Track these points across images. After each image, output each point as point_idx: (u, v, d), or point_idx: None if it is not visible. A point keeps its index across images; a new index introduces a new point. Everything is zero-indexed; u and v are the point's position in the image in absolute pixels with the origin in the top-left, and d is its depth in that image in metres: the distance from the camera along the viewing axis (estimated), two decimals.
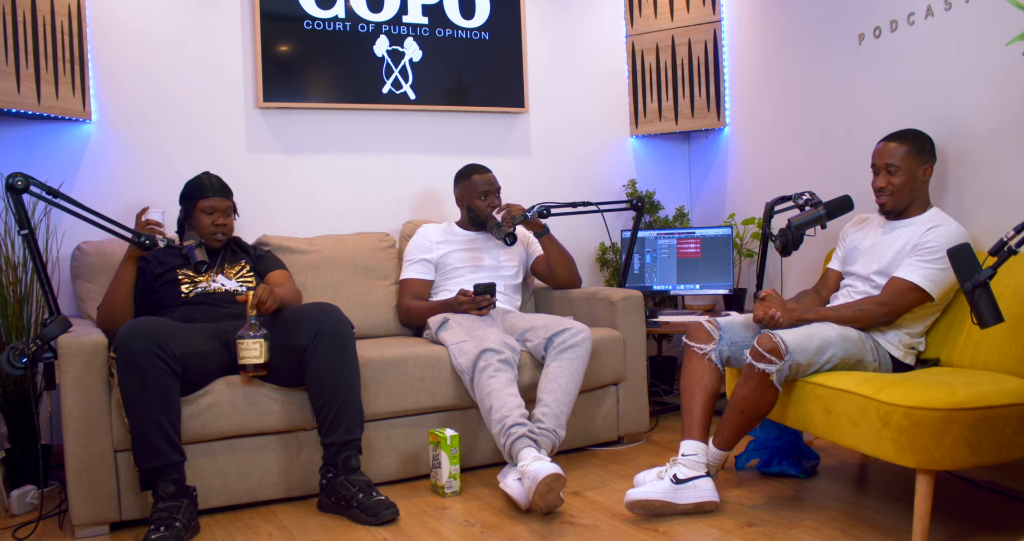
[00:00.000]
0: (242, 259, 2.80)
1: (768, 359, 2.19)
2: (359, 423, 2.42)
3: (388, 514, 2.29)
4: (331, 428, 2.37)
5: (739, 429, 2.30)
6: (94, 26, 3.06)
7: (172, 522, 2.14)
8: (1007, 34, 2.42)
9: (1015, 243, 1.79)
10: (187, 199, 2.73)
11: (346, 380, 2.41)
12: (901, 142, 2.45)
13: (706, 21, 3.79)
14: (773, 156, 3.57)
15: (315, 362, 2.38)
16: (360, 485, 2.34)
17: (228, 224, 2.75)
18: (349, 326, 2.48)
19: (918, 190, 2.45)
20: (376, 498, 2.31)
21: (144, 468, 2.19)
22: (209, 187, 2.71)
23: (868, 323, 2.37)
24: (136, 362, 2.18)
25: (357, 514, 2.30)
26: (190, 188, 2.73)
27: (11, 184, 2.20)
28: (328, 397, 2.38)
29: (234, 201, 2.80)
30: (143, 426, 2.17)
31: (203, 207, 2.69)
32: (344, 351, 2.42)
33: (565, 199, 3.60)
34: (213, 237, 2.71)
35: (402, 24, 3.50)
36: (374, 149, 3.53)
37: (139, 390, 2.18)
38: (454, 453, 2.50)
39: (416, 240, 3.20)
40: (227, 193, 2.76)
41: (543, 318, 2.86)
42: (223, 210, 2.72)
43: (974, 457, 1.94)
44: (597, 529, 2.21)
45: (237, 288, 2.68)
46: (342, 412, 2.37)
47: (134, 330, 2.22)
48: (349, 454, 2.37)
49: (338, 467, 2.37)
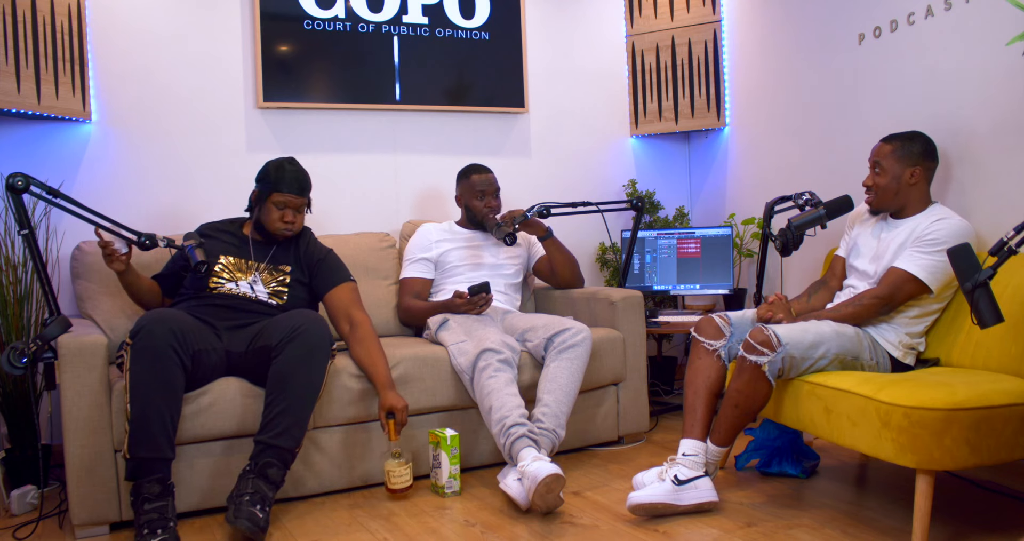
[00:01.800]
0: (288, 265, 2.68)
1: (760, 351, 2.19)
2: (296, 435, 2.27)
3: (244, 524, 2.09)
4: (266, 427, 2.26)
5: (735, 424, 2.30)
6: (94, 26, 3.06)
7: (167, 523, 2.12)
8: (1007, 34, 2.42)
9: (1015, 243, 1.79)
10: (263, 183, 2.63)
11: (300, 388, 2.30)
12: (890, 142, 2.45)
13: (706, 21, 3.79)
14: (773, 156, 3.57)
15: (278, 360, 2.31)
16: (256, 490, 2.17)
17: (298, 221, 2.66)
18: (328, 339, 2.38)
19: (904, 192, 2.43)
20: (251, 508, 2.13)
21: (137, 456, 2.14)
22: (289, 182, 2.60)
23: (868, 316, 2.37)
24: (153, 349, 2.17)
25: (228, 507, 2.16)
26: (269, 175, 2.63)
27: (11, 184, 2.19)
28: (277, 396, 2.28)
29: (310, 197, 2.71)
30: (145, 414, 2.15)
31: (276, 201, 2.61)
32: (311, 358, 2.33)
33: (565, 199, 3.60)
34: (280, 232, 2.64)
35: (402, 24, 3.50)
36: (374, 149, 3.53)
37: (149, 377, 2.17)
38: (454, 453, 2.49)
39: (416, 239, 3.20)
40: (304, 190, 2.65)
41: (543, 318, 2.86)
42: (296, 207, 2.64)
43: (974, 457, 1.94)
44: (597, 529, 2.21)
45: (266, 300, 2.60)
46: (282, 416, 2.26)
47: (157, 318, 2.22)
48: (269, 460, 2.23)
49: (255, 469, 2.23)
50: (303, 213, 2.69)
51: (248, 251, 2.67)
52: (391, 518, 2.35)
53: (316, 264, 2.71)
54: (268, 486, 2.22)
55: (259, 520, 2.14)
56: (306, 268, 2.72)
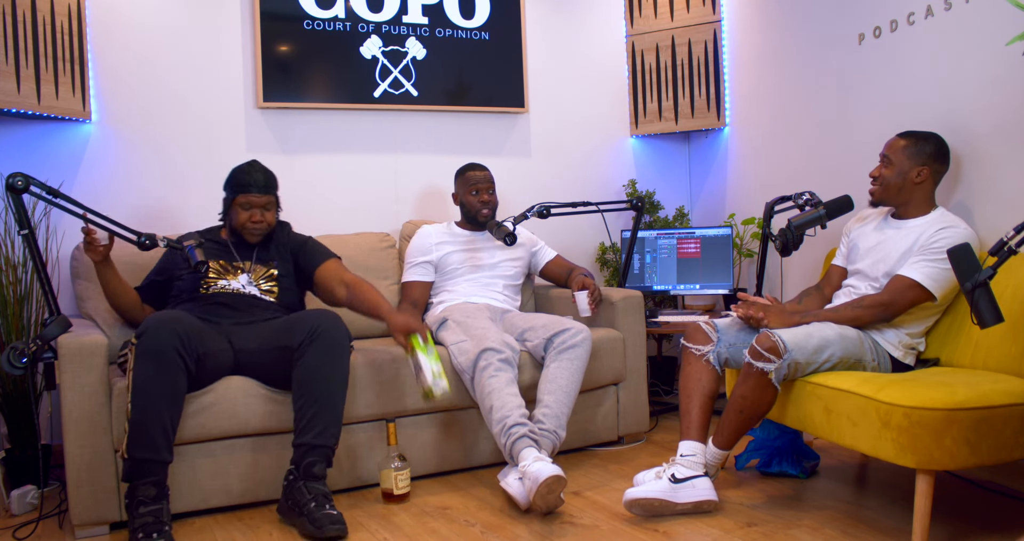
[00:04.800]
0: (273, 260, 2.72)
1: (767, 358, 2.19)
2: (334, 432, 2.33)
3: (333, 529, 2.17)
4: (304, 429, 2.30)
5: (738, 428, 2.30)
6: (94, 26, 3.06)
7: (161, 527, 2.11)
8: (1007, 34, 2.42)
9: (1015, 243, 1.79)
10: (230, 189, 2.67)
11: (330, 386, 2.34)
12: (904, 138, 2.46)
13: (706, 21, 3.79)
14: (773, 156, 3.57)
15: (303, 362, 2.34)
16: (316, 494, 2.24)
17: (267, 219, 2.68)
18: (346, 335, 2.42)
19: (909, 190, 2.43)
20: (326, 511, 2.20)
21: (135, 457, 2.15)
22: (251, 182, 2.63)
23: (869, 321, 2.36)
24: (157, 351, 2.17)
25: (304, 524, 2.21)
26: (233, 179, 2.66)
27: (11, 184, 2.20)
28: (308, 399, 2.31)
29: (278, 194, 2.72)
30: (146, 415, 2.15)
31: (241, 202, 2.64)
32: (334, 357, 2.37)
33: (565, 199, 3.60)
34: (249, 233, 2.67)
35: (402, 24, 3.50)
36: (374, 149, 3.53)
37: (152, 379, 2.16)
38: (431, 352, 2.44)
39: (416, 242, 3.20)
40: (270, 188, 2.67)
41: (543, 318, 2.86)
42: (262, 205, 2.66)
43: (974, 457, 1.94)
44: (597, 529, 2.21)
45: (257, 294, 2.63)
46: (319, 416, 2.30)
47: (162, 320, 2.22)
48: (314, 460, 2.29)
49: (300, 471, 2.29)
50: (272, 211, 2.71)
51: (232, 253, 2.69)
52: (391, 518, 2.35)
53: (299, 248, 2.78)
54: (320, 483, 2.28)
55: (337, 517, 2.21)
56: (290, 256, 2.75)
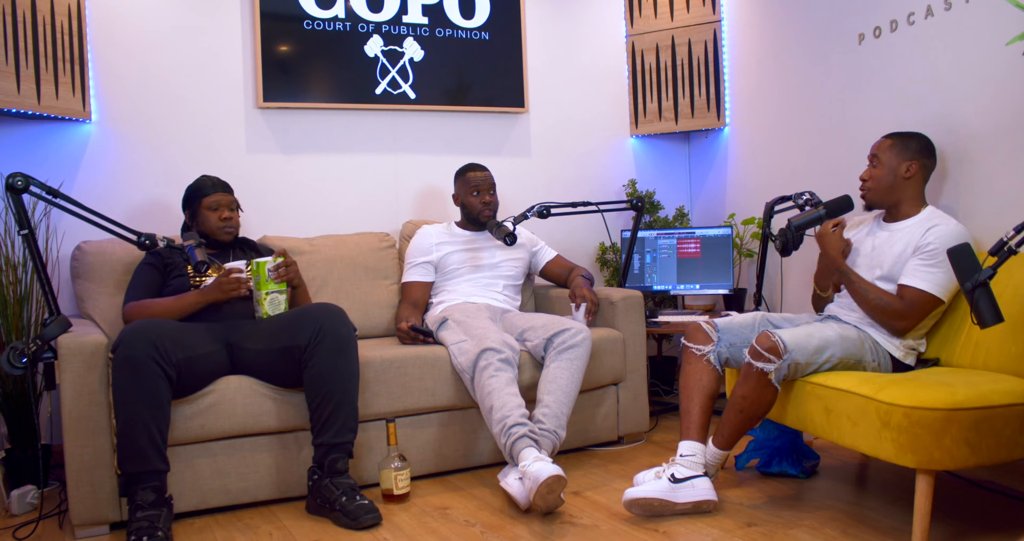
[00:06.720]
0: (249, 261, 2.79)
1: (767, 358, 2.19)
2: (352, 427, 2.39)
3: (369, 518, 2.26)
4: (323, 429, 2.35)
5: (738, 428, 2.30)
6: (94, 26, 3.06)
7: (155, 532, 2.11)
8: (1007, 34, 2.42)
9: (1015, 243, 1.79)
10: (191, 201, 2.74)
11: (343, 383, 2.38)
12: (890, 137, 2.48)
13: (706, 21, 3.79)
14: (773, 156, 3.57)
15: (314, 362, 2.37)
16: (344, 488, 2.32)
17: (234, 218, 2.75)
18: (352, 329, 2.46)
19: (900, 186, 2.44)
20: (359, 502, 2.29)
21: (127, 472, 2.15)
22: (210, 185, 2.73)
23: (878, 317, 2.34)
24: (133, 362, 2.16)
25: (339, 517, 2.29)
26: (191, 191, 2.75)
27: (11, 184, 2.20)
28: (324, 398, 2.36)
29: (235, 198, 2.80)
30: (131, 428, 2.14)
31: (208, 204, 2.70)
32: (344, 353, 2.40)
33: (565, 199, 3.60)
34: (223, 232, 2.71)
35: (402, 24, 3.50)
36: (374, 149, 3.53)
37: (132, 391, 2.16)
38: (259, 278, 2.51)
39: (416, 242, 3.20)
40: (228, 189, 2.77)
41: (543, 318, 2.86)
42: (227, 204, 2.73)
43: (974, 457, 1.94)
44: (597, 529, 2.21)
45: None
46: (336, 414, 2.35)
47: (135, 331, 2.21)
48: (337, 457, 2.35)
49: (324, 469, 2.35)
50: (236, 212, 2.77)
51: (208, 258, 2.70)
52: (391, 518, 2.35)
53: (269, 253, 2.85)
54: (345, 477, 2.35)
55: (370, 506, 2.29)
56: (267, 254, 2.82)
